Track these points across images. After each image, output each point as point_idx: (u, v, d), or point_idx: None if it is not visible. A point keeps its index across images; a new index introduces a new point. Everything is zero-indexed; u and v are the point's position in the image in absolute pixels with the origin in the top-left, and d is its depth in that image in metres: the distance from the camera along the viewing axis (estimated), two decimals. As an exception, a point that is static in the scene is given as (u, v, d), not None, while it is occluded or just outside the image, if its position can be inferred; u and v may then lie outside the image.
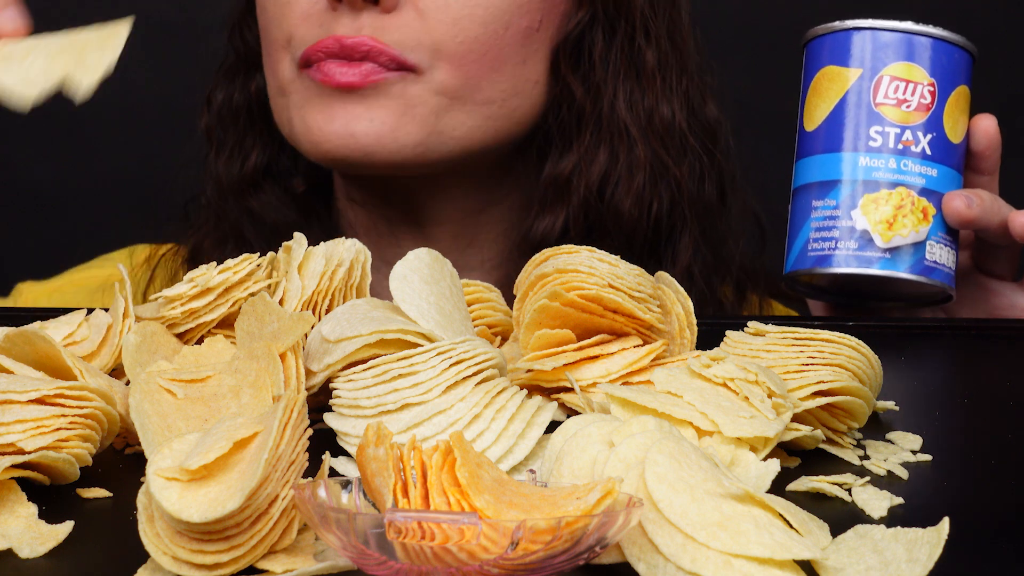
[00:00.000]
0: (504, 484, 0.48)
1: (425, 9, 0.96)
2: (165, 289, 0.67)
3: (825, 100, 0.89)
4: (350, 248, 0.68)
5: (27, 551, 0.50)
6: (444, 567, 0.45)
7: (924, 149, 0.87)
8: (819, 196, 0.88)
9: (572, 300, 0.64)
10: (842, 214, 0.87)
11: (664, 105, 1.03)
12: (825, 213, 0.88)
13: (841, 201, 0.87)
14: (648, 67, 1.03)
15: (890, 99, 0.87)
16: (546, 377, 0.64)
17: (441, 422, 0.58)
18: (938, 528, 0.48)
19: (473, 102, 0.99)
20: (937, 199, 0.87)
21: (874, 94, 0.87)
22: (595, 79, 1.02)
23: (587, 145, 1.03)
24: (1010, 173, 0.96)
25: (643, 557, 0.48)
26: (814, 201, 0.88)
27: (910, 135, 0.87)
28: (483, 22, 0.97)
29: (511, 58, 0.99)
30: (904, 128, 0.87)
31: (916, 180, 0.87)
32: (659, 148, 1.03)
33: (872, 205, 0.86)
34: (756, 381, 0.59)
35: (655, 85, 1.03)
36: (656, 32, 1.04)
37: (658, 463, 0.50)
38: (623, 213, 1.02)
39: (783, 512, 0.49)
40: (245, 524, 0.48)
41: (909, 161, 0.87)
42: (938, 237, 0.87)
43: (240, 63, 1.10)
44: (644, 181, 1.03)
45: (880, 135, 0.87)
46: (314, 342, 0.63)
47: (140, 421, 0.56)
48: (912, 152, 0.87)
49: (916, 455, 0.61)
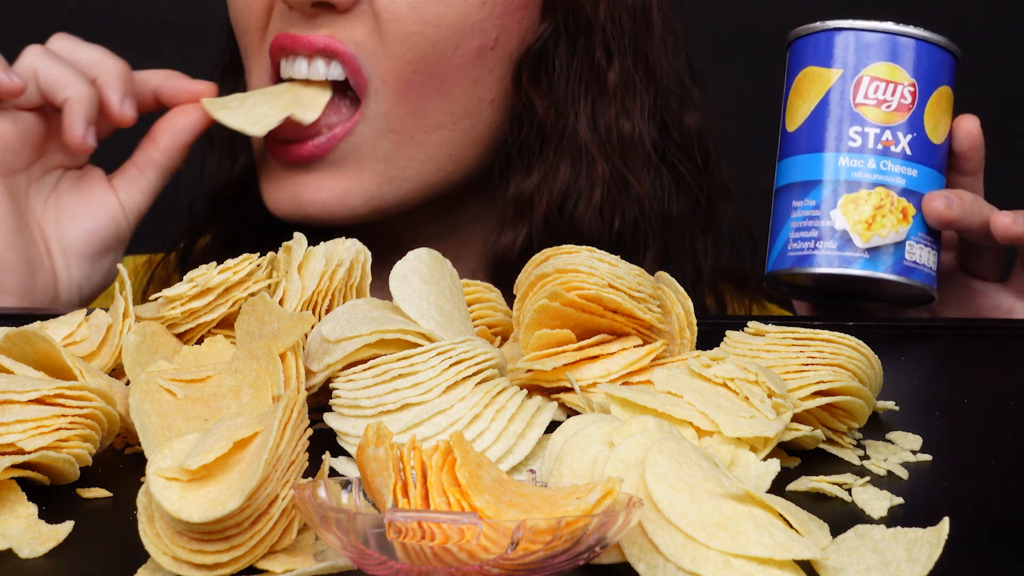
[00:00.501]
0: (504, 484, 0.48)
1: (379, 15, 0.95)
2: (165, 289, 0.67)
3: (806, 100, 0.89)
4: (350, 248, 0.68)
5: (27, 551, 0.50)
6: (444, 567, 0.45)
7: (904, 149, 0.87)
8: (799, 196, 0.88)
9: (572, 300, 0.64)
10: (822, 214, 0.87)
11: (625, 120, 1.01)
12: (805, 213, 0.87)
13: (821, 201, 0.87)
14: (609, 82, 1.01)
15: (870, 99, 0.87)
16: (546, 377, 0.64)
17: (441, 422, 0.58)
18: (938, 528, 0.48)
19: (420, 131, 0.98)
20: (917, 199, 0.87)
21: (854, 94, 0.87)
22: (556, 94, 1.00)
23: (549, 162, 1.01)
24: (1007, 176, 0.96)
25: (643, 557, 0.48)
26: (794, 201, 0.88)
27: (890, 135, 0.87)
28: (432, 42, 0.95)
29: (460, 79, 0.98)
30: (884, 128, 0.87)
31: (896, 180, 0.87)
32: (619, 164, 1.01)
33: (851, 205, 0.86)
34: (756, 381, 0.59)
35: (616, 100, 1.01)
36: (620, 47, 1.01)
37: (658, 463, 0.50)
38: (583, 229, 1.01)
39: (783, 512, 0.49)
40: (245, 524, 0.48)
41: (889, 161, 0.87)
42: (918, 237, 0.87)
43: (235, 61, 1.10)
44: (603, 197, 1.01)
45: (860, 135, 0.87)
46: (314, 342, 0.63)
47: (140, 421, 0.56)
48: (892, 152, 0.87)
49: (916, 455, 0.61)
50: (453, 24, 0.96)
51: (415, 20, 0.95)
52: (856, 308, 0.94)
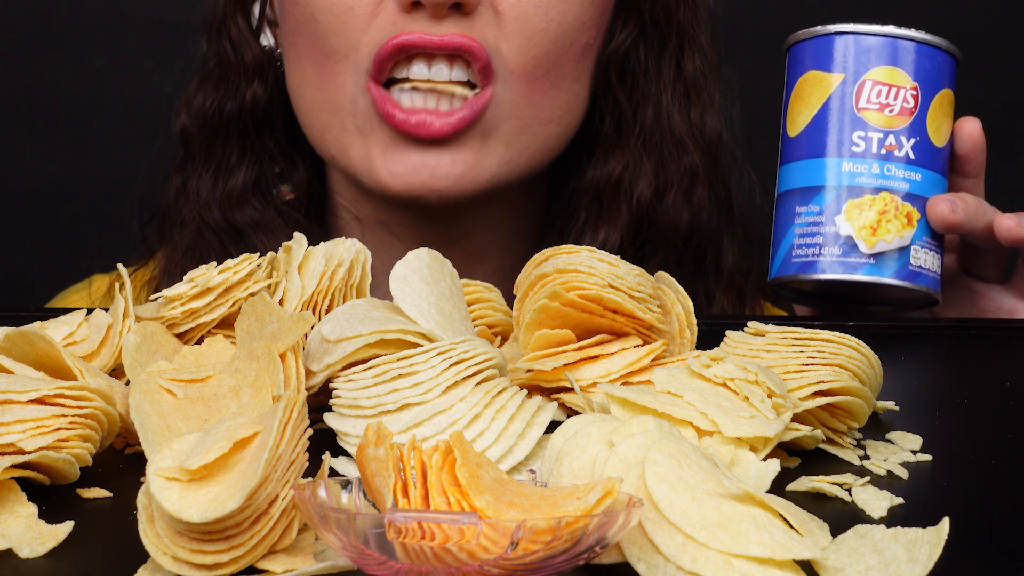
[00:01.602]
0: (504, 484, 0.48)
1: (503, 13, 0.96)
2: (165, 289, 0.67)
3: (807, 105, 0.88)
4: (350, 248, 0.68)
5: (27, 551, 0.50)
6: (444, 567, 0.45)
7: (908, 153, 0.87)
8: (802, 202, 0.88)
9: (572, 300, 0.64)
10: (826, 220, 0.86)
11: (708, 116, 1.05)
12: (809, 219, 0.87)
13: (825, 207, 0.87)
14: (692, 79, 1.04)
15: (873, 104, 0.87)
16: (546, 377, 0.64)
17: (441, 422, 0.58)
18: (938, 528, 0.48)
19: (537, 122, 1.00)
20: (921, 204, 0.87)
21: (857, 99, 0.87)
22: (641, 90, 1.04)
23: (633, 153, 1.04)
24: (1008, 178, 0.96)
25: (643, 557, 0.48)
26: (797, 207, 0.88)
27: (893, 140, 0.86)
28: (554, 39, 0.98)
29: (568, 75, 1.00)
30: (887, 133, 0.87)
31: (900, 185, 0.86)
32: (707, 159, 1.04)
33: (856, 211, 0.86)
34: (756, 381, 0.59)
35: (700, 97, 1.05)
36: (698, 45, 1.05)
37: (658, 463, 0.50)
38: (679, 223, 1.04)
39: (783, 512, 0.49)
40: (245, 524, 0.48)
41: (892, 166, 0.86)
42: (923, 242, 0.87)
43: (229, 69, 1.08)
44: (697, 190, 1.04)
45: (863, 140, 0.87)
46: (314, 342, 0.63)
47: (140, 421, 0.56)
48: (896, 157, 0.87)
49: (916, 455, 0.61)
50: (573, 22, 0.98)
51: (541, 18, 0.97)
52: (859, 311, 0.94)
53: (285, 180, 1.10)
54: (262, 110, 1.07)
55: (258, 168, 1.08)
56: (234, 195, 1.07)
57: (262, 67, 1.07)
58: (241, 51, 1.07)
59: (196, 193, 1.08)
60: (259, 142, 1.08)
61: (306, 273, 0.67)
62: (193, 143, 1.09)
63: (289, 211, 1.08)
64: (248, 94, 1.07)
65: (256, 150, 1.08)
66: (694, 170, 1.04)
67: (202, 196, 1.08)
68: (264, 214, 1.07)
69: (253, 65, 1.07)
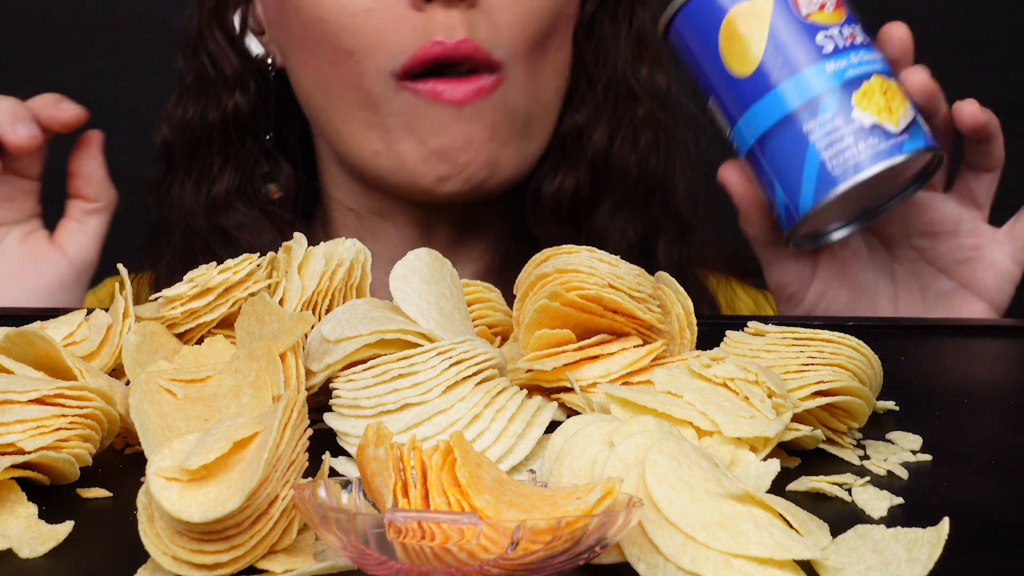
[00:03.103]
0: (504, 484, 0.48)
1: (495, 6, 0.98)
2: (165, 289, 0.67)
3: (751, 38, 0.87)
4: (350, 248, 0.68)
5: (27, 551, 0.50)
6: (444, 567, 0.45)
7: (864, 39, 0.88)
8: (808, 117, 0.86)
9: (572, 300, 0.64)
10: (844, 121, 0.86)
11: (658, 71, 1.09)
12: (826, 129, 0.86)
13: (836, 110, 0.86)
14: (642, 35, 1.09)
15: (812, 6, 0.87)
16: (546, 377, 0.64)
17: (441, 422, 0.58)
18: (938, 528, 0.48)
19: (540, 103, 1.04)
20: (895, 78, 0.88)
21: (797, 9, 0.87)
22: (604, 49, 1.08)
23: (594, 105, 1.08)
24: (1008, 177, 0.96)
25: (643, 557, 0.48)
26: (805, 126, 0.86)
27: (848, 30, 0.88)
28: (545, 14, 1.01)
29: (555, 46, 1.03)
30: (839, 26, 0.87)
31: (877, 66, 0.88)
32: (660, 110, 1.08)
33: (865, 100, 0.86)
34: (756, 381, 0.59)
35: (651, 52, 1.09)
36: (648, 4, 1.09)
37: (658, 463, 0.50)
38: (628, 168, 1.07)
39: (783, 512, 0.49)
40: (245, 524, 0.48)
41: (862, 52, 0.87)
42: (917, 108, 0.88)
43: (209, 83, 1.09)
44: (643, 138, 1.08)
45: (828, 39, 0.87)
46: (314, 342, 0.63)
47: (140, 421, 0.56)
48: (858, 44, 0.88)
49: (916, 455, 0.61)
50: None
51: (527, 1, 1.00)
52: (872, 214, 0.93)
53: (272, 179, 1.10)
54: (245, 117, 1.08)
55: (242, 173, 1.09)
56: (218, 201, 1.08)
57: (242, 77, 1.08)
58: (220, 64, 1.08)
59: (180, 202, 1.09)
60: (242, 148, 1.09)
61: (306, 273, 0.67)
62: (175, 154, 1.10)
63: (276, 210, 1.09)
64: (230, 104, 1.08)
65: (239, 156, 1.09)
66: (645, 119, 1.08)
67: (186, 204, 1.08)
68: (248, 215, 1.08)
69: (233, 77, 1.08)
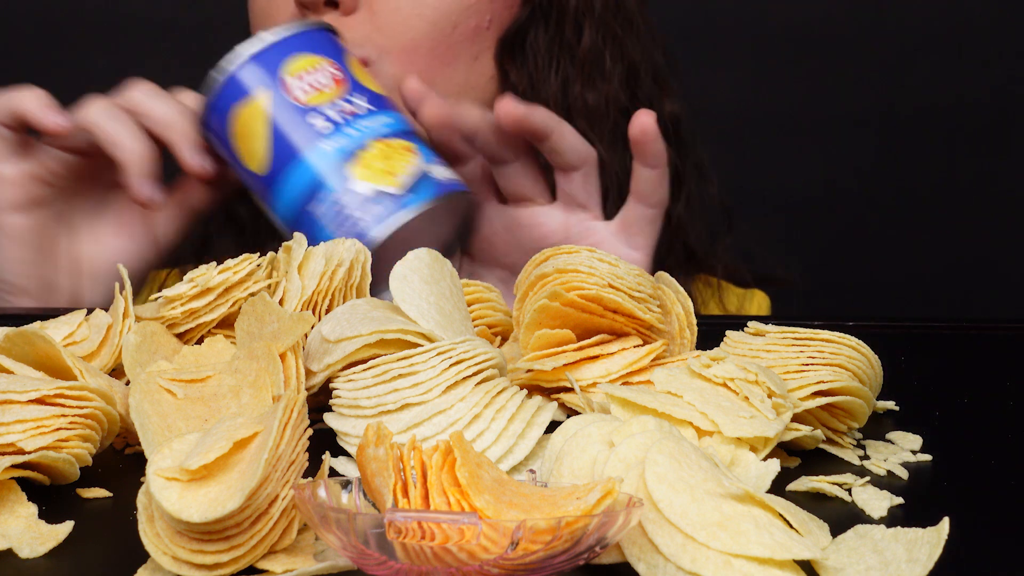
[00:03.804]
0: (504, 484, 0.48)
1: (378, 11, 1.00)
2: (165, 289, 0.67)
3: (256, 133, 0.89)
4: (350, 248, 0.68)
5: (27, 551, 0.50)
6: (444, 567, 0.45)
7: (367, 108, 0.89)
8: (310, 200, 0.87)
9: (572, 300, 0.64)
10: (344, 194, 0.86)
11: (591, 91, 1.08)
12: (328, 207, 0.87)
13: (335, 187, 0.87)
14: (578, 57, 1.07)
15: (309, 91, 0.88)
16: (546, 377, 0.64)
17: (441, 422, 0.58)
18: (938, 528, 0.48)
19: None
20: (411, 136, 0.89)
21: (294, 97, 0.88)
22: (531, 68, 1.07)
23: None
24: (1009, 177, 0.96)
25: (643, 557, 0.48)
26: (309, 207, 0.88)
27: (348, 105, 0.89)
28: (431, 22, 1.01)
29: (462, 55, 1.03)
30: (336, 103, 0.88)
31: (383, 131, 0.88)
32: (584, 128, 1.05)
33: (362, 169, 0.87)
34: (756, 381, 0.59)
35: (584, 73, 1.07)
36: (589, 24, 1.08)
37: (658, 463, 0.50)
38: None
39: (783, 512, 0.49)
40: (245, 524, 0.48)
41: (361, 121, 0.88)
42: (434, 161, 0.89)
43: None
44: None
45: (322, 119, 0.88)
46: (314, 342, 0.63)
47: (140, 421, 0.56)
48: (360, 114, 0.89)
49: (916, 455, 0.61)
50: (449, 7, 1.01)
51: (412, 6, 1.00)
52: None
53: None
54: None
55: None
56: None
57: None
58: None
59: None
60: None
61: (306, 273, 0.67)
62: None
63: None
64: None
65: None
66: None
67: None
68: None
69: None
